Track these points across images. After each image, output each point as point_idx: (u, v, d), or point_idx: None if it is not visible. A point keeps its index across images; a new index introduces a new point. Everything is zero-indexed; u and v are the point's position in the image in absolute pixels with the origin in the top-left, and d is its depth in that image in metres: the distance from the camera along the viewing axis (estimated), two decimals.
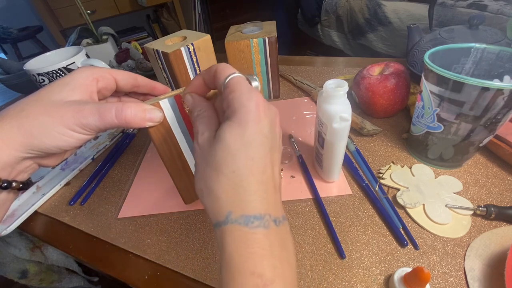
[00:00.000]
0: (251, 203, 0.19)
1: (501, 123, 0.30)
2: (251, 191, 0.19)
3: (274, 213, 0.19)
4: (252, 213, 0.18)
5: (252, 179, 0.19)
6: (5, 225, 0.36)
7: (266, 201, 0.19)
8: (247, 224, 0.18)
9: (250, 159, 0.19)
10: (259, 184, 0.19)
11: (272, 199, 0.19)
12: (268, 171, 0.20)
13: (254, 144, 0.19)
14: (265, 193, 0.19)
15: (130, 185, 0.42)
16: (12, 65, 0.71)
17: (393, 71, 0.42)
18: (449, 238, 0.29)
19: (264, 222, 0.18)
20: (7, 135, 0.20)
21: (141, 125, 0.24)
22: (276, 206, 0.19)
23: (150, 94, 0.31)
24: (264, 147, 0.20)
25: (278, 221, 0.19)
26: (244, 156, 0.19)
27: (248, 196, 0.19)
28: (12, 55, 1.94)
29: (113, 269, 0.32)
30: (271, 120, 0.21)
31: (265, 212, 0.18)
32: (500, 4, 0.74)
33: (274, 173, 0.20)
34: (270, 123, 0.20)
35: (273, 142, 0.21)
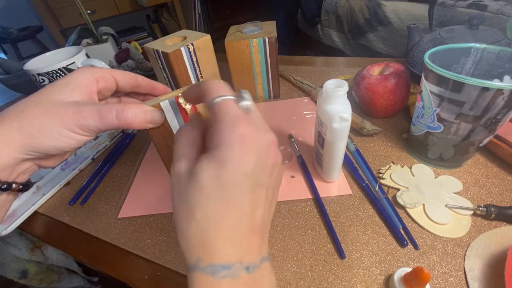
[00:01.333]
0: (220, 251, 0.17)
1: (501, 123, 0.30)
2: (222, 237, 0.17)
3: (248, 258, 0.17)
4: (220, 262, 0.16)
5: (225, 224, 0.17)
6: (5, 225, 0.36)
7: (239, 247, 0.17)
8: (213, 274, 0.16)
9: (225, 203, 0.17)
10: (232, 230, 0.17)
11: (247, 243, 0.17)
12: (246, 214, 0.18)
13: (232, 187, 0.17)
14: (239, 238, 0.17)
15: (130, 185, 0.42)
16: (12, 65, 0.71)
17: (393, 71, 0.42)
18: (449, 238, 0.29)
19: (232, 271, 0.16)
20: (7, 136, 0.20)
21: (141, 126, 0.24)
22: (251, 251, 0.17)
23: (150, 94, 0.31)
24: (243, 189, 0.17)
25: (252, 267, 0.17)
26: (219, 200, 0.17)
27: (218, 243, 0.17)
28: (12, 55, 1.94)
29: (113, 269, 0.32)
30: (259, 153, 0.18)
31: (236, 260, 0.17)
32: (500, 4, 0.74)
33: (256, 214, 0.18)
34: (257, 157, 0.18)
35: (259, 179, 0.18)
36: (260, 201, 0.18)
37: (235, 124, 0.17)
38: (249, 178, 0.17)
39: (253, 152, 0.18)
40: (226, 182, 0.17)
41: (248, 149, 0.17)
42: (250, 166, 0.17)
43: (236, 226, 0.17)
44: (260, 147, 0.18)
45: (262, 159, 0.18)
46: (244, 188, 0.17)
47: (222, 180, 0.17)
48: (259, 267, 0.17)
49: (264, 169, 0.18)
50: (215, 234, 0.17)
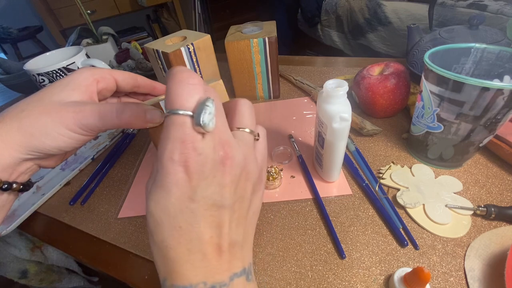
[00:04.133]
0: (181, 273, 0.17)
1: (501, 123, 0.30)
2: (181, 261, 0.17)
3: (214, 278, 0.17)
4: (181, 283, 0.16)
5: (181, 249, 0.17)
6: (5, 225, 0.36)
7: (201, 269, 0.17)
8: None
9: (177, 229, 0.17)
10: (190, 254, 0.17)
11: (209, 264, 0.17)
12: (205, 237, 0.17)
13: (180, 213, 0.16)
14: (198, 261, 0.17)
15: (130, 185, 0.42)
16: (12, 65, 0.71)
17: (393, 71, 0.42)
18: (449, 238, 0.29)
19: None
20: (7, 136, 0.20)
21: (141, 126, 0.24)
22: (217, 270, 0.17)
23: (150, 94, 0.31)
24: (193, 213, 0.17)
25: (218, 286, 0.17)
26: (171, 227, 0.17)
27: (177, 266, 0.17)
28: (12, 55, 1.94)
29: (113, 269, 0.32)
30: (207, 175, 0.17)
31: (198, 281, 0.16)
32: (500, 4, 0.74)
33: (221, 235, 0.17)
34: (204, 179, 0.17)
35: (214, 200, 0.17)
36: (222, 221, 0.18)
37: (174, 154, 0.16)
38: (198, 203, 0.17)
39: (197, 175, 0.16)
40: (173, 209, 0.16)
41: (190, 172, 0.16)
42: (195, 190, 0.16)
43: (193, 249, 0.17)
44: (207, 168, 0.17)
45: (212, 180, 0.17)
46: (193, 213, 0.17)
47: (168, 207, 0.16)
48: (228, 285, 0.17)
49: (220, 189, 0.17)
50: (173, 258, 0.17)
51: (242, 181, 0.18)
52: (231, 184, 0.18)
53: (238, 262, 0.18)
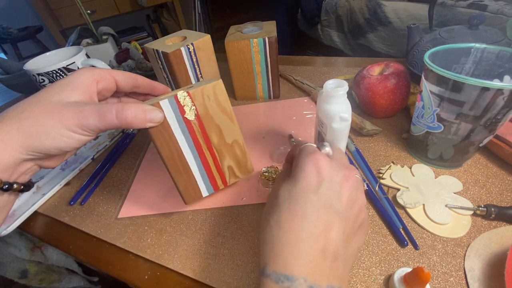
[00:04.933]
0: (285, 259, 0.17)
1: (501, 123, 0.30)
2: (290, 247, 0.18)
3: (313, 278, 0.17)
4: (284, 271, 0.17)
5: (292, 234, 0.18)
6: (5, 225, 0.36)
7: (305, 263, 0.17)
8: (277, 282, 0.17)
9: (293, 214, 0.19)
10: (299, 242, 0.18)
11: (313, 261, 0.17)
12: (316, 230, 0.18)
13: (301, 200, 0.19)
14: (306, 254, 0.17)
15: (130, 185, 0.42)
16: (12, 65, 0.71)
17: (393, 71, 0.42)
18: (449, 238, 0.29)
19: (295, 285, 0.16)
20: (8, 137, 0.20)
21: (141, 125, 0.24)
22: (318, 271, 0.17)
23: (150, 94, 0.31)
24: (312, 204, 0.19)
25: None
26: (288, 209, 0.19)
27: (285, 251, 0.18)
28: (12, 55, 1.94)
29: (113, 269, 0.32)
30: (332, 179, 0.20)
31: (300, 275, 0.17)
32: (500, 4, 0.74)
33: (328, 237, 0.18)
34: (328, 181, 0.20)
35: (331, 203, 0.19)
36: (332, 225, 0.19)
37: (311, 154, 0.21)
38: (318, 197, 0.19)
39: (325, 175, 0.20)
40: (296, 195, 0.19)
41: (320, 171, 0.20)
42: (319, 186, 0.19)
43: (303, 239, 0.18)
44: (332, 175, 0.20)
45: (335, 186, 0.20)
46: (311, 204, 0.19)
47: (291, 192, 0.20)
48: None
49: (338, 197, 0.20)
50: (282, 241, 0.18)
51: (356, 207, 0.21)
52: (348, 199, 0.20)
53: (336, 277, 0.18)
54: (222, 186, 0.33)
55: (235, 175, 0.33)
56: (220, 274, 0.29)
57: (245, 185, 0.38)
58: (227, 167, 0.32)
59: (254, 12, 2.31)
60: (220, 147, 0.31)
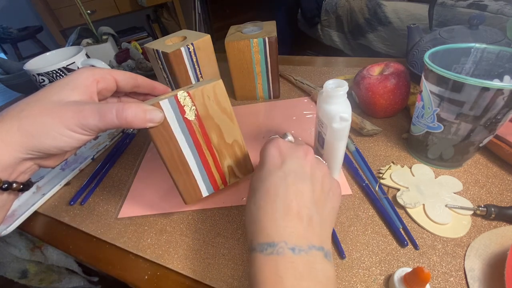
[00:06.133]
0: (266, 231, 0.19)
1: (501, 123, 0.30)
2: (267, 219, 0.20)
3: (293, 241, 0.19)
4: (266, 240, 0.19)
5: (268, 208, 0.20)
6: (5, 225, 0.36)
7: (283, 229, 0.19)
8: (261, 251, 0.19)
9: (265, 191, 0.21)
10: (274, 213, 0.20)
11: (292, 228, 0.19)
12: (287, 199, 0.20)
13: (270, 178, 0.22)
14: (282, 221, 0.19)
15: (130, 185, 0.42)
16: (12, 65, 0.71)
17: (393, 71, 0.42)
18: (449, 238, 0.29)
19: (277, 249, 0.18)
20: (7, 136, 0.20)
21: (141, 125, 0.24)
22: (295, 234, 0.19)
23: (150, 94, 0.31)
24: (279, 179, 0.21)
25: (298, 250, 0.18)
26: (261, 190, 0.21)
27: (263, 224, 0.20)
28: (12, 55, 1.94)
29: (113, 269, 0.32)
30: (293, 155, 0.23)
31: (280, 240, 0.19)
32: (500, 4, 0.74)
33: (299, 202, 0.20)
34: (291, 158, 0.23)
35: (297, 174, 0.22)
36: (301, 191, 0.21)
37: (271, 142, 0.25)
38: (283, 171, 0.22)
39: (286, 153, 0.23)
40: (265, 175, 0.22)
41: (281, 151, 0.23)
42: (283, 163, 0.22)
43: (277, 209, 0.20)
44: (293, 152, 0.23)
45: (297, 160, 0.23)
46: (278, 179, 0.21)
47: (261, 176, 0.22)
48: (307, 252, 0.19)
49: (301, 167, 0.22)
50: (261, 217, 0.20)
51: (319, 174, 0.23)
52: (311, 168, 0.23)
53: (315, 237, 0.20)
54: (222, 186, 0.33)
55: (235, 175, 0.33)
56: (220, 274, 0.29)
57: (245, 185, 0.38)
58: (227, 167, 0.32)
59: (254, 12, 2.31)
60: (220, 147, 0.31)
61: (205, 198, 0.34)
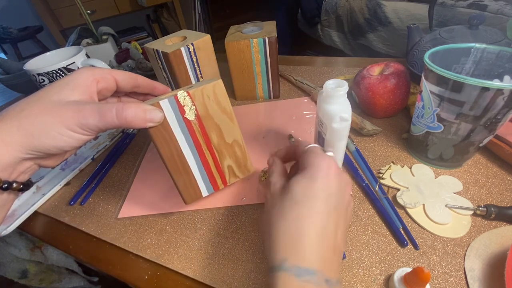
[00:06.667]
0: (306, 254, 0.18)
1: (501, 123, 0.30)
2: (309, 242, 0.19)
3: (329, 272, 0.18)
4: (306, 265, 0.18)
5: (312, 230, 0.19)
6: (5, 225, 0.36)
7: (322, 258, 0.19)
8: (298, 276, 0.17)
9: (313, 211, 0.20)
10: (318, 238, 0.19)
11: (328, 258, 0.19)
12: (330, 229, 0.20)
13: (319, 198, 0.20)
14: (322, 249, 0.19)
15: (130, 185, 0.42)
16: (12, 65, 0.71)
17: (393, 71, 0.42)
18: (449, 238, 0.29)
19: (316, 278, 0.18)
20: (7, 136, 0.20)
21: (141, 125, 0.24)
22: (331, 267, 0.19)
23: (150, 94, 0.31)
24: (328, 204, 0.20)
25: (330, 282, 0.18)
26: (308, 206, 0.20)
27: (305, 246, 0.19)
28: (12, 55, 1.94)
29: (113, 269, 0.32)
30: (340, 183, 0.22)
31: (319, 269, 0.18)
32: (500, 4, 0.74)
33: (337, 235, 0.20)
34: (338, 184, 0.21)
35: (339, 204, 0.21)
36: (339, 223, 0.21)
37: (324, 157, 0.23)
38: (332, 198, 0.21)
39: (336, 180, 0.22)
40: (315, 193, 0.20)
41: (333, 175, 0.22)
42: (334, 188, 0.21)
43: (321, 236, 0.19)
44: (341, 179, 0.22)
45: (341, 190, 0.22)
46: (330, 204, 0.20)
47: (312, 191, 0.21)
48: (334, 285, 0.18)
49: (342, 199, 0.22)
50: (303, 236, 0.19)
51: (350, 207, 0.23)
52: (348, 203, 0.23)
53: (337, 270, 0.20)
54: (222, 186, 0.33)
55: (235, 175, 0.33)
56: (220, 274, 0.29)
57: (245, 185, 0.38)
58: (227, 167, 0.32)
59: (254, 12, 2.31)
60: (220, 147, 0.31)
61: (205, 198, 0.34)
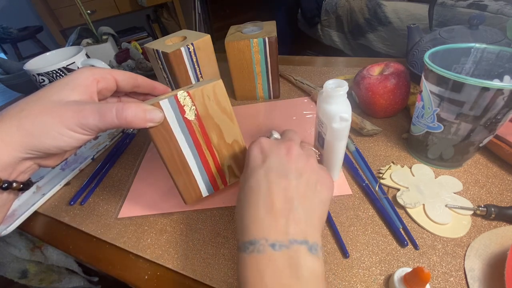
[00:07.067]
0: (248, 229, 0.19)
1: (501, 123, 0.30)
2: (249, 217, 0.20)
3: (275, 238, 0.18)
4: (248, 238, 0.19)
5: (251, 206, 0.20)
6: (5, 225, 0.36)
7: (264, 226, 0.19)
8: (244, 250, 0.19)
9: (248, 190, 0.21)
10: (256, 210, 0.20)
11: (273, 224, 0.19)
12: (268, 197, 0.20)
13: (252, 177, 0.22)
14: (263, 218, 0.19)
15: (130, 185, 0.42)
16: (12, 65, 0.71)
17: (393, 71, 0.42)
18: (449, 238, 0.29)
19: (258, 247, 0.18)
20: (7, 136, 0.20)
21: (141, 125, 0.24)
22: (278, 232, 0.19)
23: (150, 94, 0.31)
24: (261, 177, 0.22)
25: (278, 245, 0.18)
26: (245, 188, 0.22)
27: (245, 223, 0.20)
28: (12, 55, 1.94)
29: (113, 269, 0.32)
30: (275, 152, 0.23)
31: (260, 237, 0.18)
32: (500, 4, 0.74)
33: (280, 200, 0.20)
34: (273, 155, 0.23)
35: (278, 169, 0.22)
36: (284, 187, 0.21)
37: (254, 141, 0.25)
38: (265, 169, 0.22)
39: (267, 151, 0.23)
40: (248, 175, 0.23)
41: (263, 149, 0.24)
42: (265, 161, 0.23)
43: (258, 207, 0.20)
44: (275, 149, 0.23)
45: (279, 157, 0.23)
46: (260, 176, 0.22)
47: (245, 175, 0.23)
48: (288, 247, 0.18)
49: (284, 162, 0.22)
50: (243, 216, 0.20)
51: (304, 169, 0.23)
52: (295, 163, 0.22)
53: (298, 231, 0.19)
54: (222, 186, 0.33)
55: (235, 175, 0.33)
56: (220, 274, 0.29)
57: None
58: (227, 167, 0.32)
59: (254, 12, 2.31)
60: (220, 147, 0.31)
61: (205, 198, 0.34)
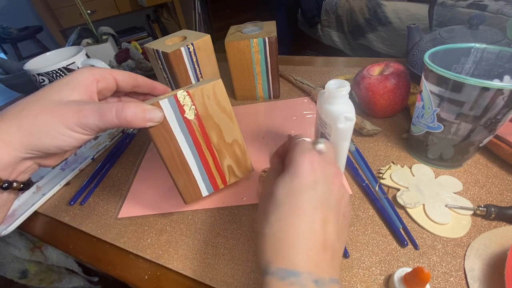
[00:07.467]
0: (290, 256, 0.18)
1: (501, 123, 0.30)
2: (292, 243, 0.18)
3: (317, 272, 0.17)
4: (290, 267, 0.17)
5: (295, 230, 0.18)
6: (5, 225, 0.36)
7: (308, 258, 0.18)
8: (282, 279, 0.17)
9: (294, 209, 0.19)
10: (302, 237, 0.18)
11: (316, 256, 0.18)
12: (316, 225, 0.19)
13: (301, 195, 0.19)
14: (308, 248, 0.18)
15: (130, 185, 0.42)
16: (12, 65, 0.71)
17: (393, 71, 0.42)
18: (449, 238, 0.29)
19: (301, 280, 0.17)
20: (7, 135, 0.20)
21: (141, 125, 0.24)
22: (321, 265, 0.18)
23: (150, 94, 0.31)
24: (312, 200, 0.19)
25: (321, 282, 0.17)
26: (289, 205, 0.19)
27: (288, 248, 0.18)
28: (12, 55, 1.94)
29: (113, 269, 0.32)
30: (326, 175, 0.21)
31: (305, 270, 0.17)
32: (500, 4, 0.74)
33: (326, 231, 0.19)
34: (324, 177, 0.21)
35: (327, 197, 0.20)
36: (329, 220, 0.19)
37: (305, 152, 0.22)
38: (316, 194, 0.20)
39: (321, 173, 0.21)
40: (296, 190, 0.20)
41: (315, 170, 0.21)
42: (316, 184, 0.20)
43: (305, 235, 0.18)
44: (325, 173, 0.21)
45: (327, 183, 0.21)
46: (311, 201, 0.19)
47: (292, 187, 0.20)
48: (327, 285, 0.17)
49: (330, 193, 0.20)
50: (286, 238, 0.18)
51: (344, 201, 0.22)
52: (339, 196, 0.21)
53: (334, 269, 0.19)
54: (222, 185, 0.33)
55: (235, 175, 0.33)
56: (220, 274, 0.29)
57: (245, 185, 0.38)
58: (227, 167, 0.32)
59: (254, 12, 2.31)
60: (220, 146, 0.31)
61: (205, 198, 0.34)
